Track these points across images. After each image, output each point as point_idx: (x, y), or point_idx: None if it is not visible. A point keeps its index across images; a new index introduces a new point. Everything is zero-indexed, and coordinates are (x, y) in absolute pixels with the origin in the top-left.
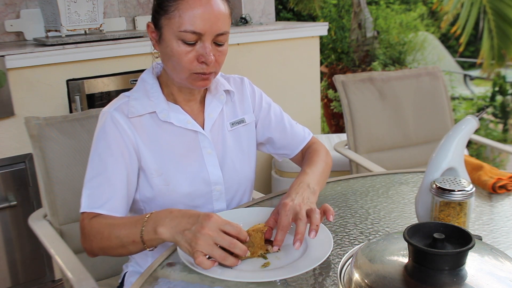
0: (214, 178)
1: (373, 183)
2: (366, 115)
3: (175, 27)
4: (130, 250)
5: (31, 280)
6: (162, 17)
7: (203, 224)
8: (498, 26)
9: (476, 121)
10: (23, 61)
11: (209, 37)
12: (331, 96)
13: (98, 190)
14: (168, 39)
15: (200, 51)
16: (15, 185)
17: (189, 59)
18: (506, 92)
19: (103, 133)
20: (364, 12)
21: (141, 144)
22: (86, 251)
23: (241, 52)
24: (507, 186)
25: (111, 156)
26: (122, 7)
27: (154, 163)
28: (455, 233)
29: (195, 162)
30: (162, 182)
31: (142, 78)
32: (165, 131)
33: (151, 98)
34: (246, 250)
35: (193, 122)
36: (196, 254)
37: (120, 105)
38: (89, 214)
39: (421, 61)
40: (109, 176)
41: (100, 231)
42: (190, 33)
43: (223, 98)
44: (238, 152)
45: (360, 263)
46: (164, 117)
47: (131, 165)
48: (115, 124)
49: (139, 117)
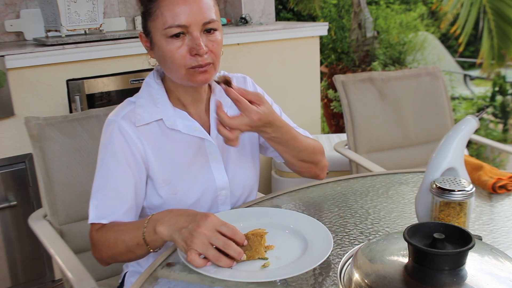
0: (220, 183)
1: (373, 183)
2: (366, 115)
3: (160, 27)
4: (137, 254)
5: (31, 280)
6: (148, 21)
7: (200, 223)
8: (498, 26)
9: (476, 121)
10: (23, 61)
11: (196, 27)
12: (331, 96)
13: (105, 201)
14: (157, 41)
15: (190, 44)
16: (15, 185)
17: (182, 55)
18: (506, 92)
19: (110, 143)
20: (364, 12)
21: (149, 153)
22: (98, 261)
23: (241, 52)
24: (507, 186)
25: (119, 166)
26: (122, 7)
27: (162, 172)
28: (455, 233)
29: (202, 169)
30: (170, 191)
31: (146, 82)
32: (172, 139)
33: (157, 105)
34: (241, 252)
35: (200, 129)
36: (189, 251)
37: (127, 113)
38: (96, 225)
39: (421, 61)
40: (117, 186)
41: (107, 239)
42: (175, 27)
43: (227, 101)
44: (242, 155)
45: (360, 263)
46: (171, 125)
47: (139, 175)
48: (123, 134)
49: (147, 125)
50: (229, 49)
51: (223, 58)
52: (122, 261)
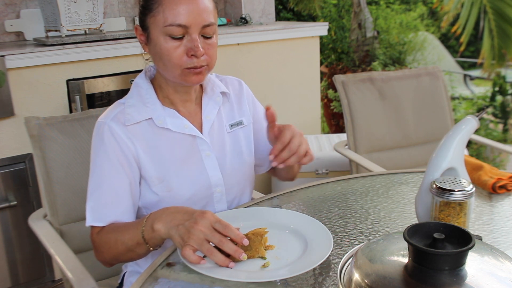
0: (214, 180)
1: (373, 183)
2: (366, 115)
3: (161, 23)
4: (138, 253)
5: (31, 280)
6: (147, 17)
7: (197, 220)
8: (499, 26)
9: (476, 121)
10: (23, 61)
11: (196, 29)
12: (331, 96)
13: (101, 202)
14: (155, 37)
15: (188, 45)
16: (15, 185)
17: (179, 55)
18: (506, 92)
19: (102, 145)
20: (364, 12)
21: (140, 152)
22: (102, 263)
23: (241, 52)
24: (507, 186)
25: (112, 167)
26: (122, 7)
27: (155, 170)
28: (455, 233)
29: (195, 166)
30: (164, 189)
31: (136, 83)
32: (163, 137)
33: (146, 104)
34: (237, 250)
35: (190, 126)
36: (185, 247)
37: (116, 115)
38: (96, 228)
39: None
40: (112, 187)
41: (107, 241)
42: (175, 26)
43: (219, 100)
44: (237, 154)
45: (360, 263)
46: (160, 123)
47: (132, 175)
48: (113, 135)
49: (136, 124)
50: (229, 49)
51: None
52: (124, 261)
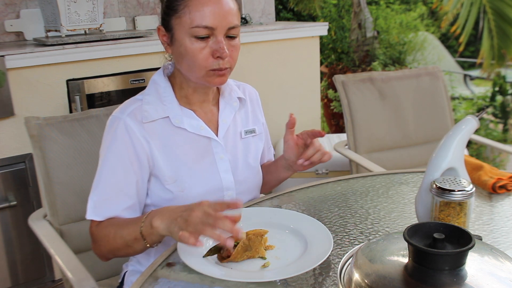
0: (226, 183)
1: (373, 183)
2: (366, 115)
3: (187, 25)
4: (135, 249)
5: (31, 280)
6: (172, 18)
7: (193, 208)
8: (498, 26)
9: (476, 121)
10: (23, 61)
11: (221, 31)
12: (331, 96)
13: (105, 197)
14: (180, 38)
15: (214, 46)
16: (15, 185)
17: (204, 56)
18: (506, 92)
19: (114, 140)
20: (364, 12)
21: (155, 151)
22: (98, 257)
23: (241, 52)
24: (507, 186)
25: (121, 164)
26: (122, 7)
27: (168, 169)
28: (455, 233)
29: (208, 168)
30: (176, 188)
31: (153, 80)
32: (178, 137)
33: (164, 102)
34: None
35: (206, 128)
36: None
37: (133, 111)
38: (95, 220)
39: (421, 61)
40: (118, 183)
41: (106, 234)
42: (202, 28)
43: (236, 105)
44: (247, 160)
45: (360, 263)
46: (177, 123)
47: (140, 173)
48: (128, 131)
49: (153, 122)
50: None
51: None
52: (121, 256)
